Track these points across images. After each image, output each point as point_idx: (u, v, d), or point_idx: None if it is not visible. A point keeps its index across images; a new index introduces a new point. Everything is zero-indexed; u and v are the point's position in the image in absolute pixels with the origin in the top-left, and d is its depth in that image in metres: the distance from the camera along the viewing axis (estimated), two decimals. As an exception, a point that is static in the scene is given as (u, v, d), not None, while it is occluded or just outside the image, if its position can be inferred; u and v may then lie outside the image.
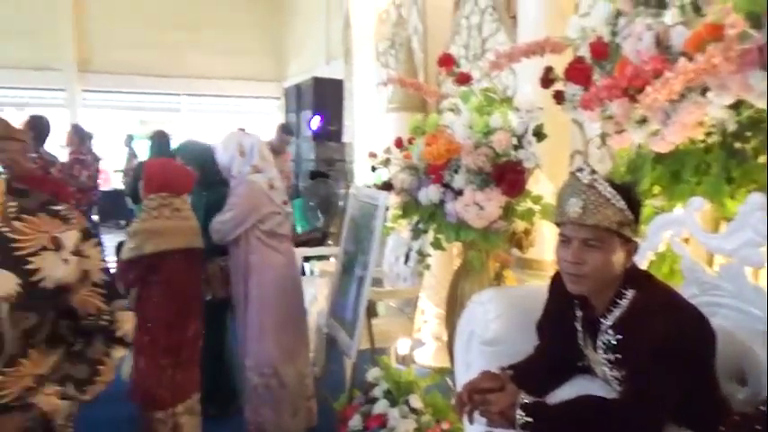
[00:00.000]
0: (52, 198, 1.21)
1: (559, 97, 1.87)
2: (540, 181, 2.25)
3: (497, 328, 1.63)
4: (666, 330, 1.12)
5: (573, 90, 1.80)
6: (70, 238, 1.16)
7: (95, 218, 6.69)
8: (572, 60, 1.78)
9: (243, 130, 5.75)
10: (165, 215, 2.45)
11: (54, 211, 1.17)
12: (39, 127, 4.28)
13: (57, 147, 5.91)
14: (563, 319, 1.40)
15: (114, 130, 9.79)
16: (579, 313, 1.36)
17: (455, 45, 3.81)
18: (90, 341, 1.26)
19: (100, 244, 1.26)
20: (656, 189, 1.70)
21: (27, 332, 1.12)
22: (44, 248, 1.14)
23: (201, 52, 9.64)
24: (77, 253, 1.17)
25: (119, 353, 1.29)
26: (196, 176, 2.73)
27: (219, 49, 9.72)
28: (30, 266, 1.12)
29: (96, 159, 6.09)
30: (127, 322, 1.31)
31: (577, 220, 1.20)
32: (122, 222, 7.77)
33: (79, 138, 5.87)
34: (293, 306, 2.76)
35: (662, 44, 1.50)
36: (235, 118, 10.24)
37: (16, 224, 1.12)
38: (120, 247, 2.73)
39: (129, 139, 8.80)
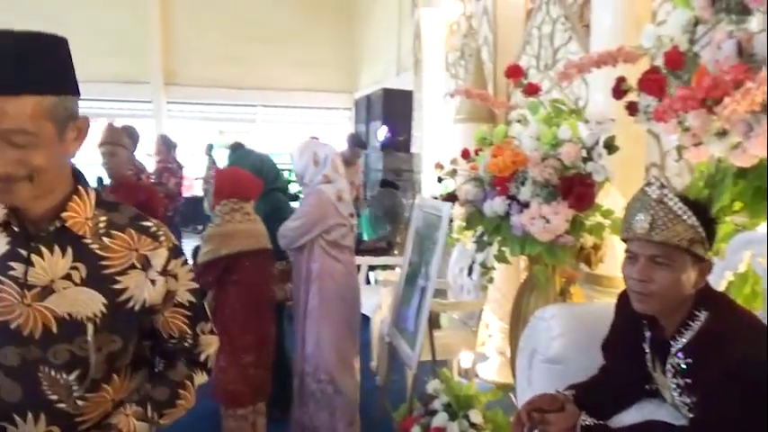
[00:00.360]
0: (141, 213, 1.13)
1: (632, 108, 1.80)
2: (612, 195, 2.17)
3: (560, 345, 1.58)
4: (742, 355, 1.05)
5: (647, 101, 1.73)
6: (159, 256, 1.08)
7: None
8: (646, 70, 1.71)
9: (316, 139, 5.91)
10: (236, 219, 2.59)
11: (143, 228, 1.09)
12: (130, 137, 4.57)
13: (143, 155, 6.28)
14: (630, 340, 1.34)
15: (195, 139, 10.28)
16: (648, 334, 1.30)
17: (526, 55, 3.76)
18: (172, 363, 1.19)
19: (188, 262, 1.17)
20: (737, 205, 1.59)
21: (112, 356, 1.06)
22: (132, 267, 1.06)
23: (277, 65, 9.99)
24: (165, 273, 1.09)
25: (200, 378, 1.20)
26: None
27: (294, 62, 10.03)
28: (117, 286, 1.05)
29: (180, 167, 6.45)
30: (211, 346, 1.21)
31: (645, 236, 1.15)
32: (200, 227, 8.13)
33: (166, 147, 6.23)
34: (352, 315, 2.79)
35: (745, 52, 1.42)
36: (307, 128, 10.51)
37: (105, 240, 1.05)
38: (196, 251, 2.88)
39: (209, 148, 9.22)
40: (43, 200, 1.00)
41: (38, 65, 0.93)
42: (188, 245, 5.93)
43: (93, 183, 3.31)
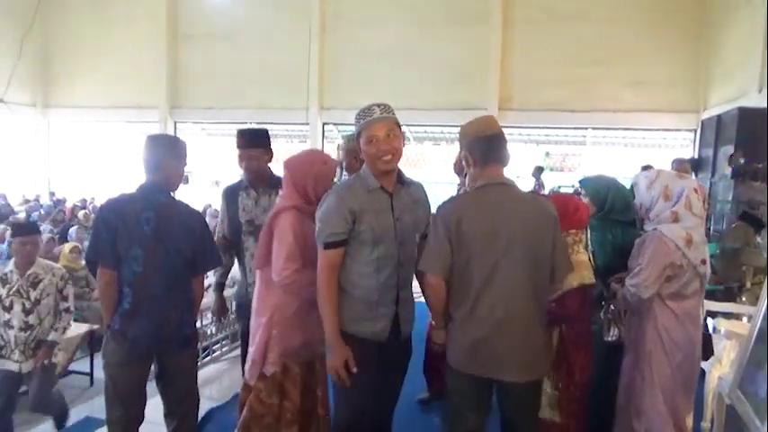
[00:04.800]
0: None
1: None
2: None
3: None
4: None
5: None
6: None
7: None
8: None
9: (649, 167, 5.50)
10: (582, 250, 2.54)
11: None
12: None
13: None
14: None
15: (522, 161, 10.67)
16: None
17: None
18: None
19: None
20: None
21: None
22: None
23: (611, 86, 9.63)
24: None
25: None
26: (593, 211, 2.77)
27: (630, 82, 9.53)
28: None
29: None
30: None
31: None
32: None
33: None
34: (687, 369, 2.49)
35: None
36: (640, 151, 9.86)
37: None
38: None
39: (539, 170, 9.45)
40: None
41: None
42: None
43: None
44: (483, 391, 2.14)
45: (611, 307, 2.71)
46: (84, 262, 5.40)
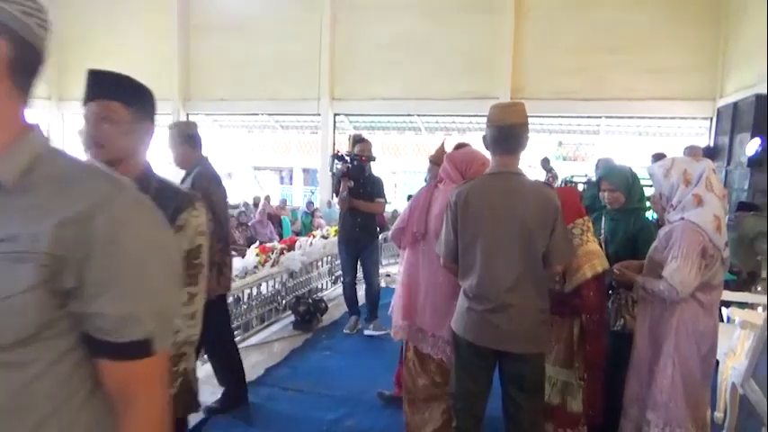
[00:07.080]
0: None
1: None
2: None
3: None
4: None
5: None
6: None
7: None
8: None
9: (662, 155, 5.43)
10: (592, 238, 2.61)
11: None
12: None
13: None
14: None
15: (534, 151, 10.58)
16: None
17: None
18: None
19: None
20: None
21: None
22: None
23: (625, 74, 9.49)
24: None
25: None
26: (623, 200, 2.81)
27: (644, 69, 9.38)
28: None
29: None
30: None
31: None
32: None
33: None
34: (707, 361, 2.44)
35: None
36: (655, 140, 9.74)
37: None
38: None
39: (546, 161, 9.37)
40: None
41: None
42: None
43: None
44: (486, 361, 2.31)
45: (619, 296, 2.71)
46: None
